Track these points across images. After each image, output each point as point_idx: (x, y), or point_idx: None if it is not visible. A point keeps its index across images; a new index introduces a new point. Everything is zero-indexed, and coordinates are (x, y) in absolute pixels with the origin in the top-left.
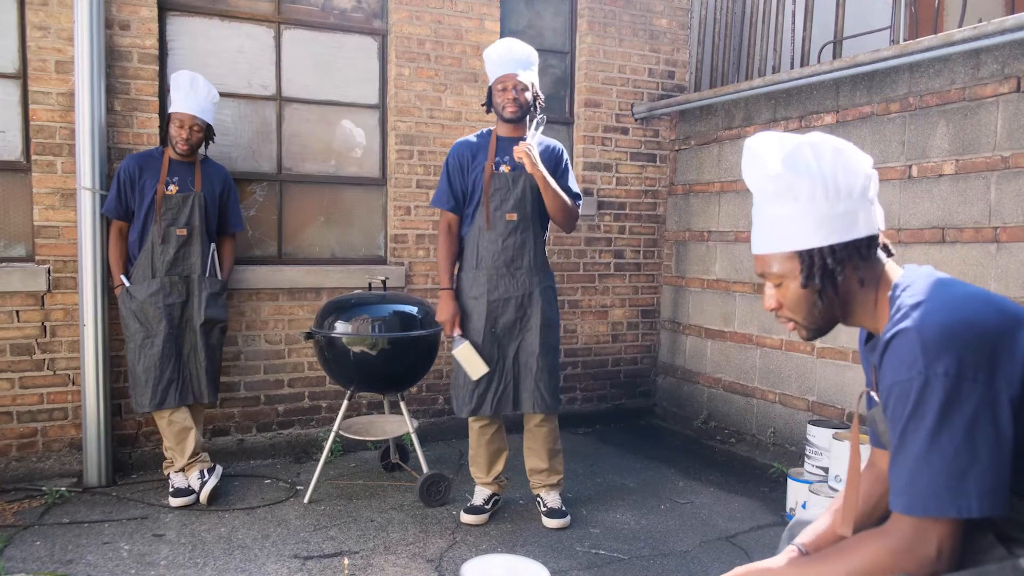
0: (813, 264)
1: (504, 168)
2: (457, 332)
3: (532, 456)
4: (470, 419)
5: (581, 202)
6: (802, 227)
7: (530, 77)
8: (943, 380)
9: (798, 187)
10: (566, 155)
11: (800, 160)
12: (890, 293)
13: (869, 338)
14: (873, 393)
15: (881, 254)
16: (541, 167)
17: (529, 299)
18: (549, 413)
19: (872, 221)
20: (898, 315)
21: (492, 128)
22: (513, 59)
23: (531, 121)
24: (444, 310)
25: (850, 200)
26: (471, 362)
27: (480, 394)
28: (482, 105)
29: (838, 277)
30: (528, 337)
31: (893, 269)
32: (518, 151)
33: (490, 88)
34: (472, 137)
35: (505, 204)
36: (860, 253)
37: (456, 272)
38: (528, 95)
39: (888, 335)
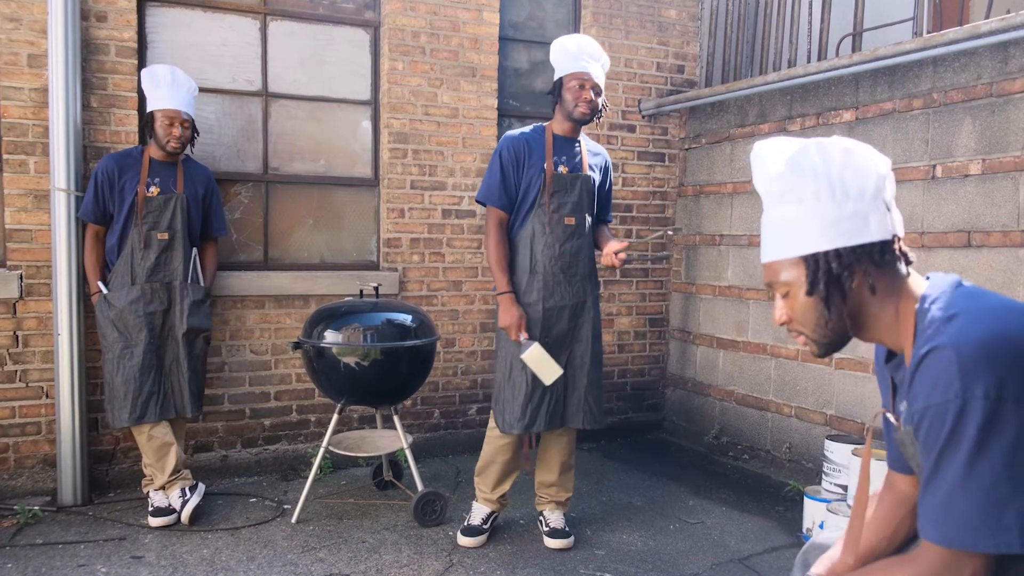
0: (818, 268)
1: (562, 168)
2: (524, 336)
3: (543, 469)
4: (494, 433)
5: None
6: (807, 230)
7: (603, 82)
8: (982, 403)
9: (801, 187)
10: (612, 167)
11: (804, 160)
12: (917, 306)
13: (890, 355)
14: (889, 415)
15: (900, 264)
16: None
17: (582, 308)
18: (597, 427)
19: (886, 225)
20: (930, 330)
21: (544, 124)
22: (593, 58)
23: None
24: (508, 313)
25: (860, 201)
26: (544, 365)
27: (534, 408)
28: (547, 94)
29: (845, 284)
30: (578, 348)
31: (917, 280)
32: (617, 261)
33: (560, 81)
34: (526, 130)
35: (564, 207)
36: (872, 259)
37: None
38: (600, 99)
39: (923, 351)
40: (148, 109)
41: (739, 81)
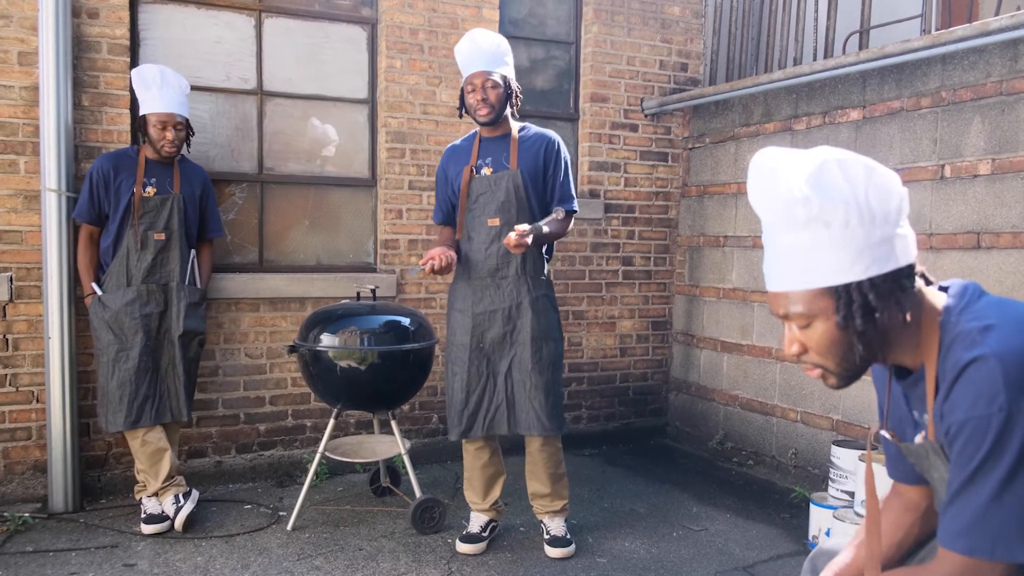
0: (852, 302)
1: (486, 170)
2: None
3: (533, 480)
4: (463, 441)
5: (576, 209)
6: (837, 259)
7: (501, 71)
8: None
9: (830, 212)
10: (564, 151)
11: (829, 180)
12: (941, 319)
13: (902, 373)
14: (884, 432)
15: (919, 281)
16: (528, 240)
17: (517, 310)
18: (548, 436)
19: (907, 248)
20: (966, 341)
21: (477, 130)
22: (480, 54)
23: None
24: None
25: (886, 225)
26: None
27: (470, 414)
28: (456, 109)
29: (878, 314)
30: (520, 352)
31: (934, 294)
32: (510, 242)
33: (462, 90)
34: (459, 141)
35: (488, 208)
36: (900, 285)
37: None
38: (499, 92)
39: (964, 361)
40: (140, 112)
41: (744, 79)
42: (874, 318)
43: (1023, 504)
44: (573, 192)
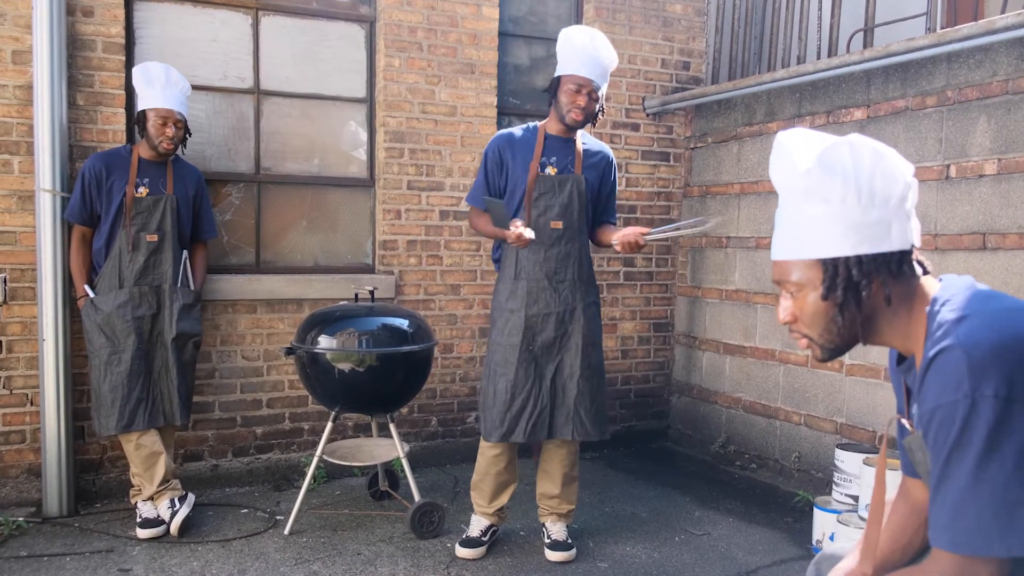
0: (837, 274)
1: (550, 169)
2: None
3: (545, 480)
4: (482, 444)
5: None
6: (830, 232)
7: (604, 88)
8: (992, 403)
9: (830, 187)
10: (616, 166)
11: (835, 158)
12: (928, 308)
13: (901, 359)
14: (904, 420)
15: (917, 269)
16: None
17: (571, 315)
18: (590, 440)
19: (907, 235)
20: (939, 332)
21: (539, 123)
22: (597, 63)
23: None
24: (512, 238)
25: (885, 208)
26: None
27: (513, 416)
28: (544, 91)
29: (863, 291)
30: (567, 357)
31: (929, 284)
32: (626, 242)
33: (558, 79)
34: (516, 130)
35: (550, 210)
36: (890, 268)
37: (495, 284)
38: (595, 106)
39: (931, 353)
40: (140, 108)
41: (747, 78)
42: (858, 295)
43: (998, 493)
44: (615, 209)
